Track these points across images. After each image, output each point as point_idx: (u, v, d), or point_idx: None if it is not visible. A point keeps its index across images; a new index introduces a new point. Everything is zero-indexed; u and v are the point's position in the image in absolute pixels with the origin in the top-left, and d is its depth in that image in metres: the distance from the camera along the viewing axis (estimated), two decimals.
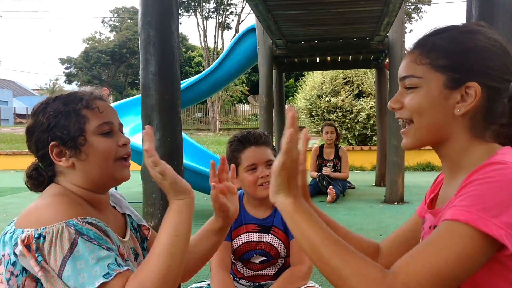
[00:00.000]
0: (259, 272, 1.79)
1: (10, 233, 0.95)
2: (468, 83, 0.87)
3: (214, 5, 32.14)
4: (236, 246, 1.75)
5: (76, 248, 0.90)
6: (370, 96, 10.57)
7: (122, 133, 1.13)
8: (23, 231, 0.92)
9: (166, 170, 0.96)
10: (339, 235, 0.85)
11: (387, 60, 6.21)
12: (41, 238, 0.90)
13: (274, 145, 1.83)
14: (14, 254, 0.92)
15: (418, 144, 0.95)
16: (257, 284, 1.80)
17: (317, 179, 5.93)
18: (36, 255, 0.90)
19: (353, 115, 10.48)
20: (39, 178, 1.07)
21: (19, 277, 0.93)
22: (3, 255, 0.95)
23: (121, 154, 1.08)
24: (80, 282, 0.87)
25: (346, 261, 0.79)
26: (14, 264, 0.93)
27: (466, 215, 0.74)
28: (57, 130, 1.02)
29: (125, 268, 0.92)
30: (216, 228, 1.19)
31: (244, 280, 1.81)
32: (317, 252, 0.82)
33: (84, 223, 0.94)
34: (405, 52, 5.80)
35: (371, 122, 10.29)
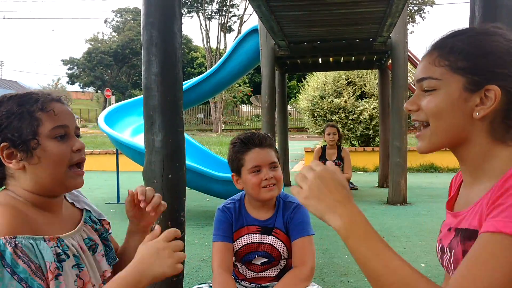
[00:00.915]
0: (261, 273, 1.78)
1: None
2: (487, 86, 0.86)
3: (217, 6, 32.18)
4: (237, 248, 1.75)
5: None
6: (373, 97, 10.56)
7: (79, 137, 1.10)
8: None
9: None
10: None
11: (390, 61, 6.20)
12: None
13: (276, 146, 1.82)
14: None
15: (434, 147, 0.94)
16: (259, 285, 1.79)
17: None
18: None
19: (355, 116, 10.47)
20: None
21: None
22: None
23: (74, 159, 1.06)
24: None
25: (392, 269, 0.77)
26: None
27: (511, 226, 0.73)
28: (8, 131, 1.00)
29: None
30: (130, 231, 1.26)
31: (246, 282, 1.81)
32: (369, 268, 0.80)
33: (10, 244, 0.91)
34: (409, 53, 5.79)
35: (373, 123, 10.28)
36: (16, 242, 0.92)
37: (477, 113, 0.87)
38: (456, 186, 1.04)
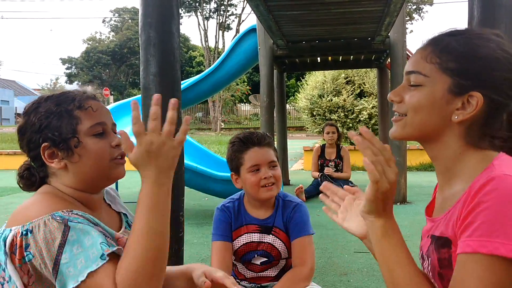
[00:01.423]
0: (261, 273, 1.78)
1: (0, 234, 0.94)
2: (472, 92, 0.85)
3: (215, 5, 32.15)
4: (236, 247, 1.74)
5: (69, 233, 0.89)
6: (372, 95, 10.56)
7: (115, 133, 1.11)
8: (10, 230, 0.92)
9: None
10: None
11: (389, 60, 6.19)
12: (28, 233, 0.89)
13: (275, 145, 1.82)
14: (5, 255, 0.91)
15: (405, 137, 0.95)
16: (259, 285, 1.79)
17: (319, 179, 5.91)
18: (25, 253, 0.89)
19: (354, 115, 10.48)
20: (31, 178, 1.06)
21: (9, 283, 0.92)
22: None
23: (114, 155, 1.07)
24: (79, 268, 0.87)
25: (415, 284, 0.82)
26: (4, 269, 0.92)
27: (487, 245, 0.74)
28: (48, 131, 1.01)
29: (115, 248, 0.91)
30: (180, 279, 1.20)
31: (245, 282, 1.81)
32: (394, 283, 0.84)
33: (70, 213, 0.93)
34: (407, 52, 5.79)
35: (372, 121, 10.28)
36: (75, 212, 0.94)
37: (456, 117, 0.87)
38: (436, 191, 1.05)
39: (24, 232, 0.89)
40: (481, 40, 0.88)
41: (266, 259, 1.75)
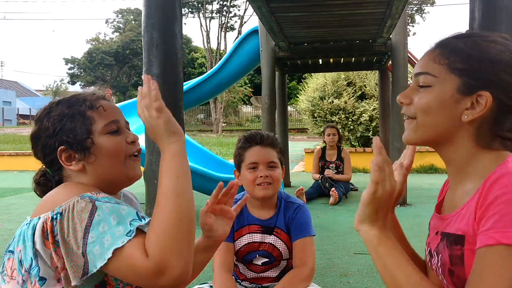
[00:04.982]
0: (262, 274, 1.79)
1: (26, 224, 0.94)
2: (481, 91, 0.86)
3: (218, 6, 32.21)
4: (238, 247, 1.75)
5: (96, 212, 0.90)
6: (373, 98, 10.56)
7: (129, 130, 1.12)
8: (39, 218, 0.92)
9: (164, 105, 0.99)
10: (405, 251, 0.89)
11: (390, 62, 6.20)
12: (58, 215, 0.90)
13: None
14: (33, 248, 0.91)
15: (418, 139, 0.95)
16: (260, 286, 1.80)
17: (320, 181, 5.92)
18: (55, 238, 0.89)
19: (355, 117, 10.47)
20: (47, 184, 1.06)
21: (32, 272, 0.92)
22: (18, 251, 0.94)
23: (131, 151, 1.08)
24: (106, 246, 0.87)
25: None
26: (29, 269, 0.92)
27: (510, 236, 0.74)
28: (63, 134, 1.01)
29: (146, 221, 0.92)
30: (201, 247, 1.15)
31: (246, 282, 1.82)
32: (397, 286, 0.85)
33: (98, 194, 0.94)
34: (409, 54, 5.79)
35: (373, 124, 10.28)
36: (103, 194, 0.96)
37: (466, 116, 0.88)
38: (446, 189, 1.05)
39: (54, 217, 0.90)
40: (488, 42, 0.89)
41: (267, 259, 1.76)
